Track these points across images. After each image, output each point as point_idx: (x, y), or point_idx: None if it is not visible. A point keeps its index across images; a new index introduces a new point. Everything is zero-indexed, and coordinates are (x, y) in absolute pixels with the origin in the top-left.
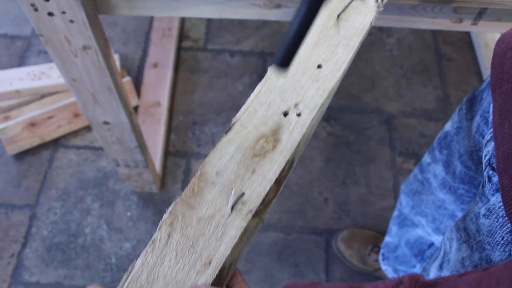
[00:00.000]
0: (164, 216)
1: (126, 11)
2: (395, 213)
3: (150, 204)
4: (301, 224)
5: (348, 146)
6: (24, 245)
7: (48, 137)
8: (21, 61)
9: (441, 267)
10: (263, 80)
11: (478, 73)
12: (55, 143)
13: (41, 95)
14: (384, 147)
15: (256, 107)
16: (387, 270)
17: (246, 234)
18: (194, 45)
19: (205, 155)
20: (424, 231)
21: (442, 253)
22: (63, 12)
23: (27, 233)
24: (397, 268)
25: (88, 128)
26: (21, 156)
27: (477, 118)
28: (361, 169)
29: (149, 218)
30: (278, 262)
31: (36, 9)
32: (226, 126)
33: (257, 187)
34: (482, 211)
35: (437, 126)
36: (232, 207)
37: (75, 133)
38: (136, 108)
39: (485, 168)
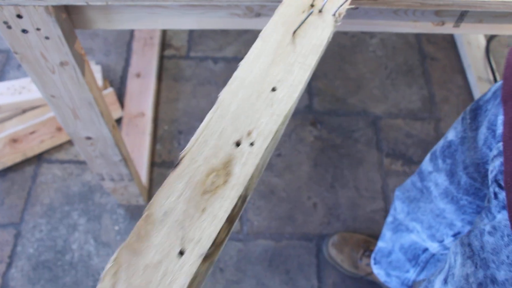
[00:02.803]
0: (108, 266)
1: (103, 25)
2: (389, 219)
3: (138, 217)
4: (291, 230)
5: (335, 149)
6: (9, 265)
7: (31, 153)
8: (0, 76)
9: (445, 281)
10: (214, 107)
11: (462, 72)
12: (39, 158)
13: (23, 109)
14: (372, 149)
15: (206, 138)
16: (380, 274)
17: (196, 280)
18: (177, 53)
19: None
20: (418, 237)
21: (447, 266)
22: (38, 29)
23: (12, 252)
24: (390, 273)
25: (71, 142)
26: (3, 173)
27: (484, 130)
28: (349, 172)
29: None
30: (269, 270)
31: (9, 27)
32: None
33: (208, 228)
34: (487, 228)
35: (423, 126)
36: (181, 252)
37: (58, 147)
38: (120, 120)
39: (491, 184)
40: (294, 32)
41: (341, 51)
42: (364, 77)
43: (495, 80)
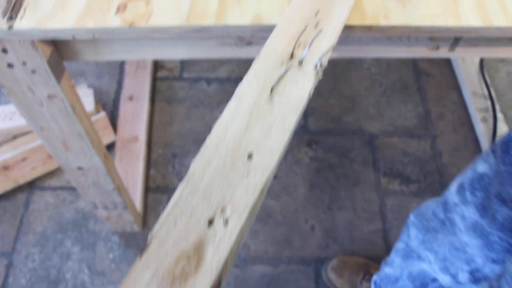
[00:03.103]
0: None
1: (92, 57)
2: (400, 245)
3: (133, 244)
4: (289, 254)
5: (331, 169)
6: None
7: (22, 180)
8: None
9: None
10: (185, 181)
11: (457, 88)
12: (31, 186)
13: (14, 135)
14: (368, 169)
15: (176, 217)
16: None
17: None
18: (170, 75)
19: None
20: (430, 267)
21: None
22: (24, 63)
23: (4, 284)
24: None
25: None
26: None
27: None
28: (346, 193)
29: (132, 259)
30: None
31: None
32: None
33: None
34: None
35: (419, 143)
36: None
37: (50, 174)
38: (113, 144)
39: None
40: (272, 89)
41: (335, 68)
42: (359, 95)
43: (490, 95)
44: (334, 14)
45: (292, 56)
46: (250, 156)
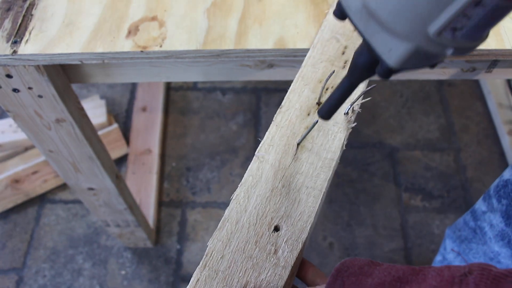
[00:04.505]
0: None
1: (102, 79)
2: (438, 257)
3: (145, 261)
4: None
5: (351, 184)
6: None
7: (33, 193)
8: (2, 113)
9: None
10: (201, 264)
11: (482, 98)
12: (41, 199)
13: (25, 147)
14: (389, 183)
15: None
16: None
17: None
18: (184, 84)
19: (200, 204)
20: None
21: None
22: (30, 88)
23: None
24: None
25: None
26: (5, 215)
27: None
28: (366, 209)
29: (144, 276)
30: None
31: None
32: (221, 171)
33: None
34: None
35: (442, 157)
36: None
37: (62, 187)
38: (125, 157)
39: None
40: (298, 144)
41: None
42: (379, 106)
43: None
44: None
45: (318, 103)
46: (276, 229)
